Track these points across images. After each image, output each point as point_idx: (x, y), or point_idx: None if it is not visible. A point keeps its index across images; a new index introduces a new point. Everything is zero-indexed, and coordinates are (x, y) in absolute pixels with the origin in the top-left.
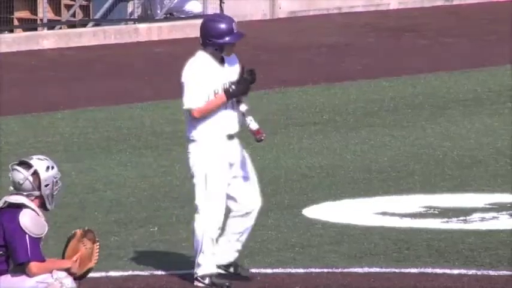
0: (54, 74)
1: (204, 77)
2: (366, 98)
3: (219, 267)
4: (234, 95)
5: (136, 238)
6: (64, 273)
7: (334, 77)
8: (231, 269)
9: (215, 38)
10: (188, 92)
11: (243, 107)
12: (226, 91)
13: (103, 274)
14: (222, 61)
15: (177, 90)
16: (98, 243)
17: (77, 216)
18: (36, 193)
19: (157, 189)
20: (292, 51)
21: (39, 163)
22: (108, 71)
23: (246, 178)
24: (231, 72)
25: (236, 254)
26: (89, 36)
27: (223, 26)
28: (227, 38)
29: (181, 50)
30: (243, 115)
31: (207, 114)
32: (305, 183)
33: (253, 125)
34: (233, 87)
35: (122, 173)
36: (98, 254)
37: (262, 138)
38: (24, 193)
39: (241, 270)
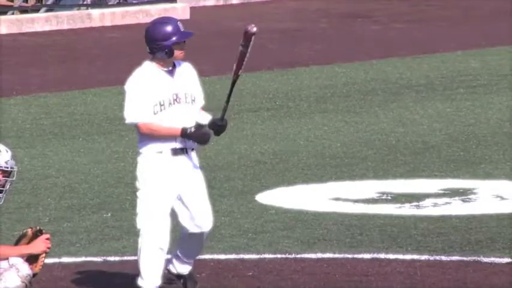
0: (6, 60)
1: (147, 89)
2: (318, 84)
3: (171, 274)
4: (189, 137)
5: (89, 224)
6: (20, 260)
7: (286, 62)
8: (181, 280)
9: (162, 40)
10: (129, 104)
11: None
12: (183, 131)
13: (56, 260)
14: (171, 72)
15: (130, 75)
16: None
17: (29, 202)
18: None
19: (110, 175)
20: None
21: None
22: (61, 56)
23: (195, 196)
24: (182, 83)
25: (187, 269)
26: (41, 22)
27: (168, 27)
28: (174, 38)
29: (134, 36)
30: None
31: (154, 135)
32: (258, 169)
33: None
34: (192, 129)
35: (75, 159)
36: (43, 259)
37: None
38: None
39: (189, 285)
